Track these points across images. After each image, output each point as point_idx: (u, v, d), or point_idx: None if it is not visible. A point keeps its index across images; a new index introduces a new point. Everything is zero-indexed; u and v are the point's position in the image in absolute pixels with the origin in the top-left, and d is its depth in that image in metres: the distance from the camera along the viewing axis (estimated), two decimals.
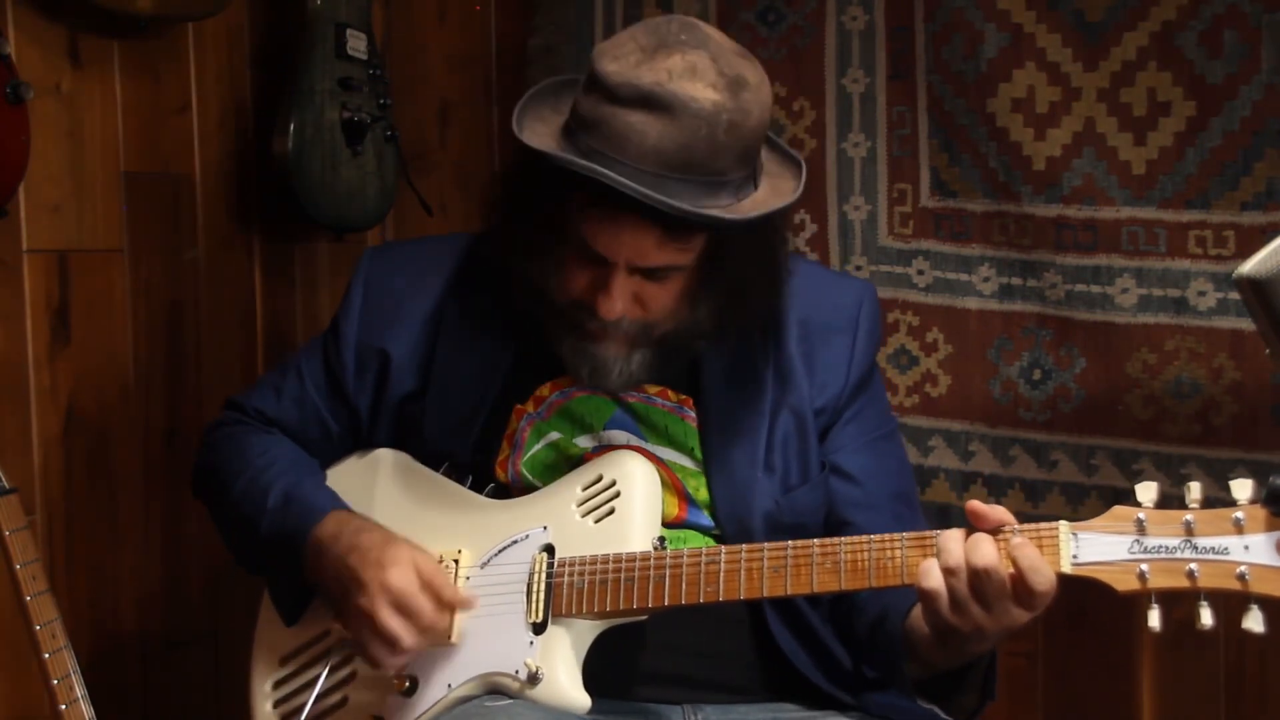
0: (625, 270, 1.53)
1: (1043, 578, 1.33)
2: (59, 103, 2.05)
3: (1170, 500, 1.35)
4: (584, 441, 1.65)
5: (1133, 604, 1.35)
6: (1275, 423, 2.17)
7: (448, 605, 1.53)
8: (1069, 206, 2.27)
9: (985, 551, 1.33)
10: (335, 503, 1.64)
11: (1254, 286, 1.48)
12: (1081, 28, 2.25)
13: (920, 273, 2.42)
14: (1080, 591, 2.30)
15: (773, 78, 2.43)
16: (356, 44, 2.36)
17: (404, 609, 1.50)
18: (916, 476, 2.40)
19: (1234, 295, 2.14)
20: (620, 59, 1.49)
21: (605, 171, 1.45)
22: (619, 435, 1.65)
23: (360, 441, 1.76)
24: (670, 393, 1.66)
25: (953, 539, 1.36)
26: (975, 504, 1.38)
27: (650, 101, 1.45)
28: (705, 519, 1.63)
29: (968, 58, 2.33)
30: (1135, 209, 2.24)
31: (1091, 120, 2.25)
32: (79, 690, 1.60)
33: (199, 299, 2.29)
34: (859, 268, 2.44)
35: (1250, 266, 1.48)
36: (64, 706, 1.59)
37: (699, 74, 1.47)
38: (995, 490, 2.35)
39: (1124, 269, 2.25)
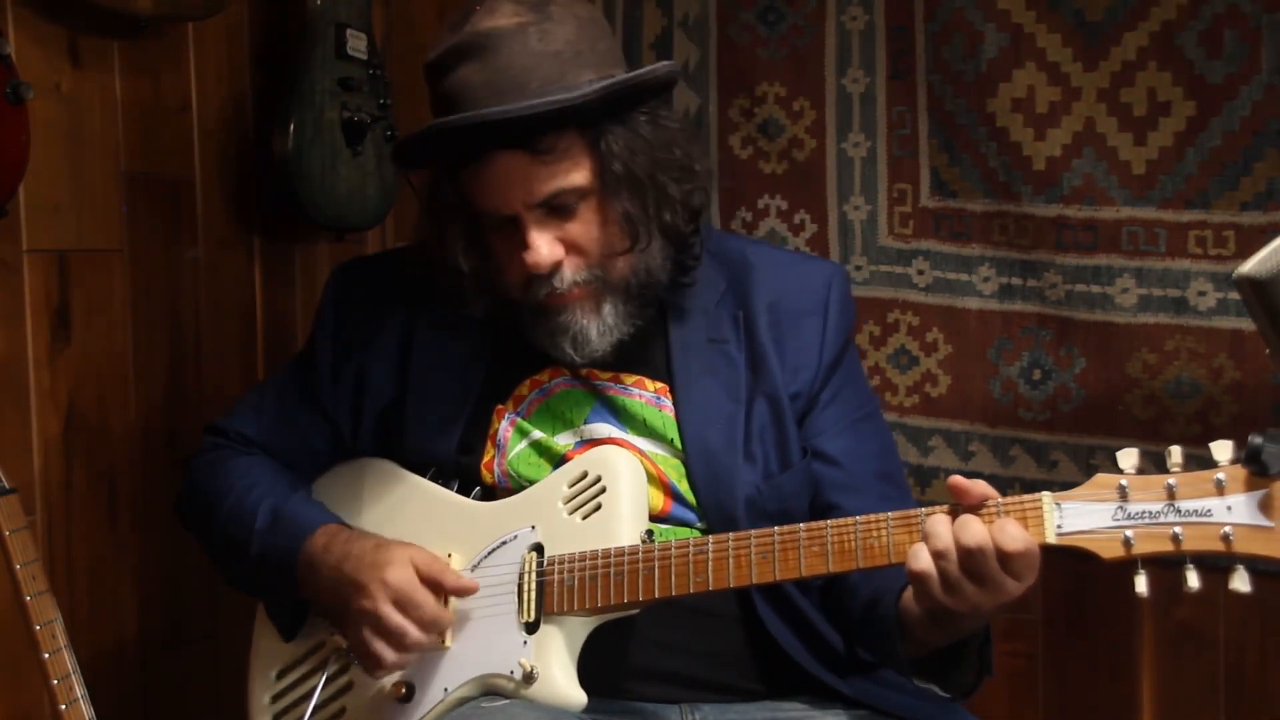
0: (532, 216, 1.55)
1: (1009, 536, 1.32)
2: (59, 103, 2.04)
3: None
4: (565, 438, 1.65)
5: (1132, 604, 1.35)
6: (1275, 423, 2.16)
7: (450, 592, 1.54)
8: (1069, 206, 2.27)
9: (974, 530, 1.33)
10: (323, 516, 1.64)
11: (1254, 286, 1.48)
12: (1081, 28, 2.25)
13: (920, 273, 2.41)
14: (1080, 591, 2.31)
15: (773, 78, 2.47)
16: (356, 44, 2.36)
17: (406, 602, 1.51)
18: (917, 476, 2.41)
19: (1234, 295, 2.14)
20: (436, 46, 1.58)
21: (439, 121, 1.54)
22: (600, 429, 1.65)
23: (344, 455, 1.76)
24: (647, 382, 1.67)
25: (939, 522, 1.36)
26: (957, 479, 1.38)
27: (464, 51, 1.54)
28: (690, 513, 1.63)
29: (968, 58, 2.33)
30: (1135, 209, 2.24)
31: (1091, 120, 2.25)
32: (79, 690, 1.60)
33: (199, 299, 2.29)
34: (859, 268, 2.44)
35: (1250, 266, 1.48)
36: (64, 706, 1.59)
37: (498, 11, 1.56)
38: (996, 490, 2.34)
39: (1124, 269, 2.25)
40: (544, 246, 1.55)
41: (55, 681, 1.59)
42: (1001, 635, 2.32)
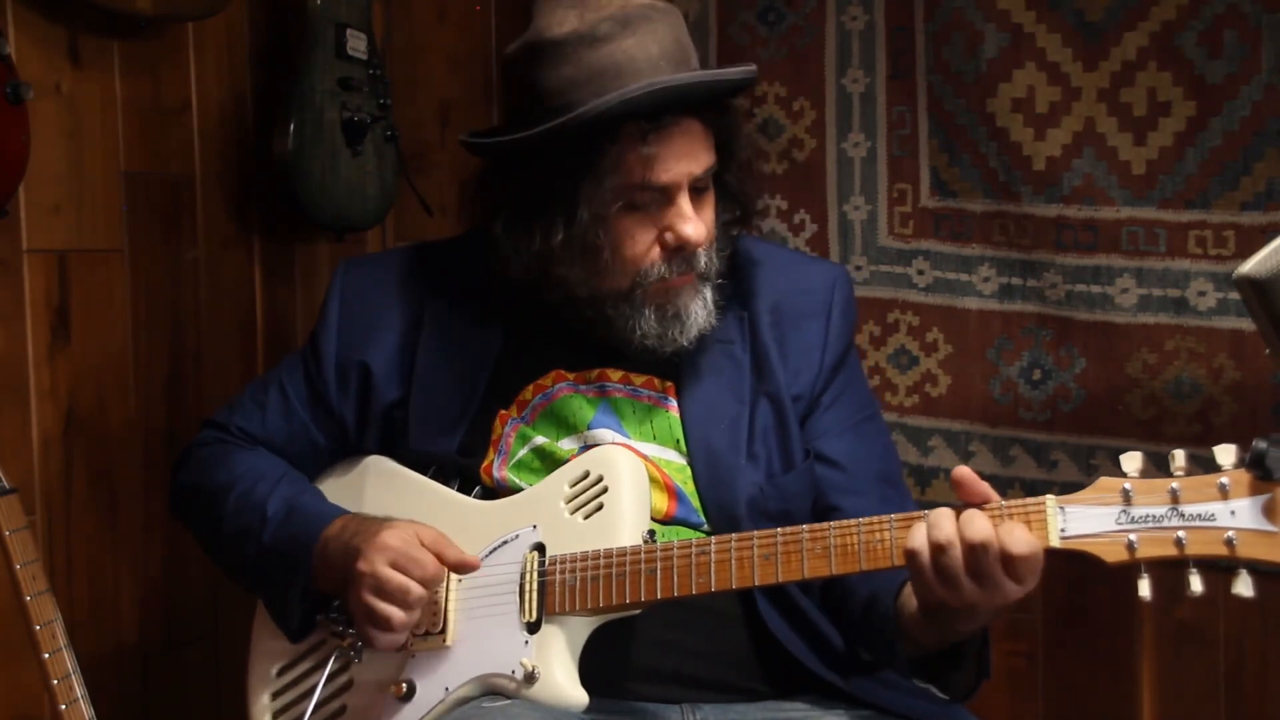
0: (687, 190, 1.58)
1: (1015, 539, 1.31)
2: (59, 103, 2.05)
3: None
4: (569, 443, 1.65)
5: (1132, 605, 1.34)
6: (1275, 423, 2.17)
7: (451, 566, 1.53)
8: (1069, 206, 2.27)
9: (979, 526, 1.32)
10: (340, 510, 1.64)
11: (1254, 286, 1.48)
12: (1081, 28, 2.25)
13: (920, 273, 2.41)
14: (1081, 591, 2.31)
15: (773, 78, 2.47)
16: (356, 44, 2.36)
17: (405, 561, 1.50)
18: (917, 476, 2.41)
19: (1234, 295, 2.14)
20: (564, 21, 1.56)
21: (661, 80, 1.53)
22: (604, 434, 1.64)
23: (348, 452, 1.76)
24: (656, 380, 1.66)
25: (944, 515, 1.35)
26: (963, 470, 1.37)
27: (626, 23, 1.54)
28: (695, 515, 1.62)
29: (968, 58, 2.33)
30: (1135, 209, 2.24)
31: (1091, 120, 2.25)
32: (79, 690, 1.60)
33: (199, 299, 2.29)
34: (859, 267, 2.44)
35: (1250, 266, 1.48)
36: (64, 706, 1.59)
37: None
38: (995, 490, 2.34)
39: (1124, 269, 2.25)
40: (702, 222, 1.58)
41: (55, 681, 1.59)
42: (1001, 635, 2.32)
